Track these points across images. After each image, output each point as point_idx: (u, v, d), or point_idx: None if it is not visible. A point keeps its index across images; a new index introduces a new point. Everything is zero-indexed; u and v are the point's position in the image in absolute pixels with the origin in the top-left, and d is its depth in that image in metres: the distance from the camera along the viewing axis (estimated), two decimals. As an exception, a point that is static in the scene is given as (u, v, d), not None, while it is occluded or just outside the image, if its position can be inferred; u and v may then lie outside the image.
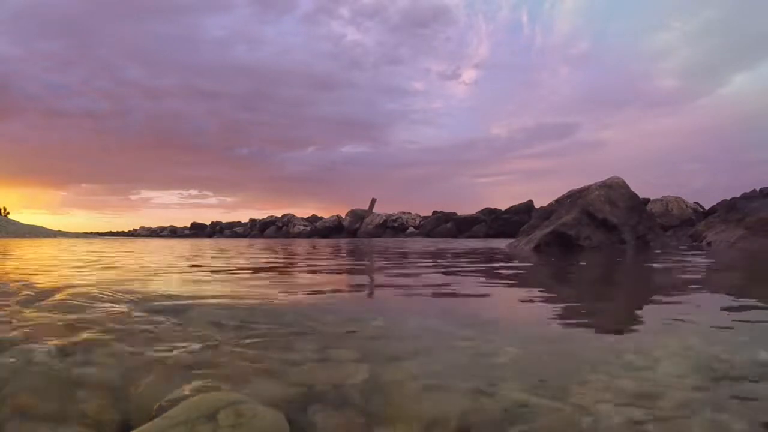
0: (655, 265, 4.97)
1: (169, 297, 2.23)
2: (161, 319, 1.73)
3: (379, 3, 68.65)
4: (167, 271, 4.00)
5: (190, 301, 2.10)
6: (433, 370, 1.19)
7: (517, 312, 2.16)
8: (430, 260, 5.77)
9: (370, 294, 2.87)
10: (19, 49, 60.85)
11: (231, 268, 4.32)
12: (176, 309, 1.90)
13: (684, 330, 1.61)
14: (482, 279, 3.51)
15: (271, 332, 1.57)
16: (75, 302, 2.05)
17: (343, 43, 68.67)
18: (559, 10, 72.13)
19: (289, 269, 4.46)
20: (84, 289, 2.40)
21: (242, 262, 5.41)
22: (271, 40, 69.80)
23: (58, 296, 2.20)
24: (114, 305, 2.00)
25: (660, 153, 63.68)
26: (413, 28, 71.98)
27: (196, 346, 1.39)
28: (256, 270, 4.24)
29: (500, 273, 4.19)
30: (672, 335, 1.55)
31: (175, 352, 1.32)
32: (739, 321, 1.80)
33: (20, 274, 3.61)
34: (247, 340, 1.45)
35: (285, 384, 1.11)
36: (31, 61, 62.90)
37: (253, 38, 69.43)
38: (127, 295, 2.23)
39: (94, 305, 1.99)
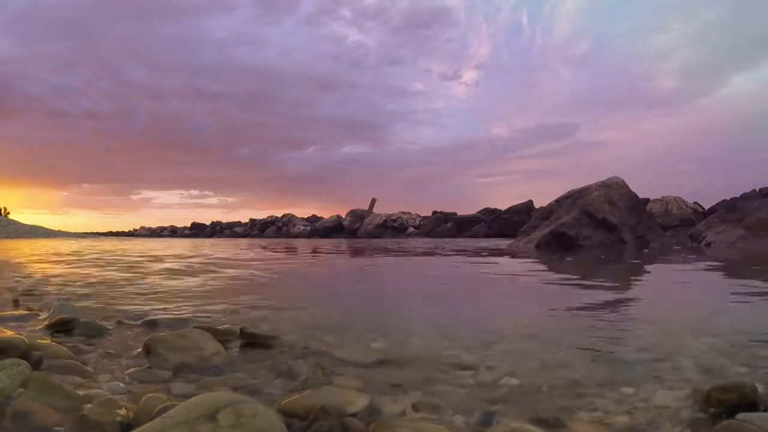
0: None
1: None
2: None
3: (380, 4, 68.74)
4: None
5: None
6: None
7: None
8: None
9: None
10: (22, 49, 60.84)
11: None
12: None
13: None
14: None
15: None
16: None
17: (344, 44, 68.67)
18: (560, 11, 72.16)
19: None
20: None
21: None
22: (273, 42, 69.82)
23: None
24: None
25: (660, 153, 63.67)
26: (414, 29, 72.02)
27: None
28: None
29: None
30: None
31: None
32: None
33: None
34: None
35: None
36: (34, 61, 62.92)
37: (255, 39, 69.41)
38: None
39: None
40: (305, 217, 42.29)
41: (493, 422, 1.07)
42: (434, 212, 35.37)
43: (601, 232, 9.38)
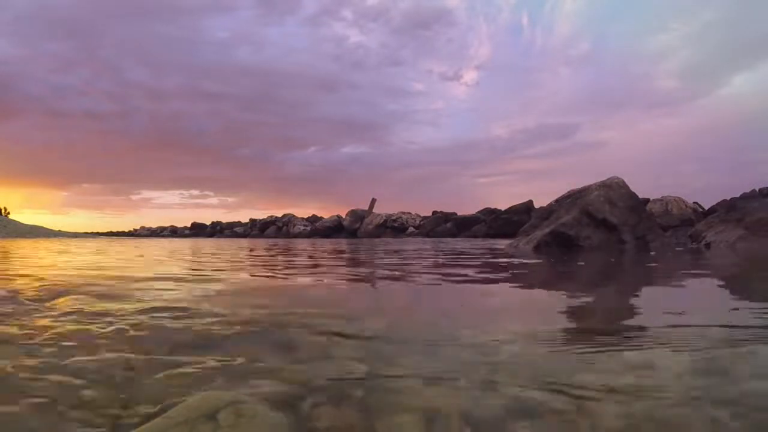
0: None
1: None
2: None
3: (382, 5, 68.78)
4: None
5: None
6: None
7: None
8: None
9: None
10: (23, 49, 60.97)
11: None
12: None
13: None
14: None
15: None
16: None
17: (346, 45, 68.84)
18: (560, 12, 72.32)
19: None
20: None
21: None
22: (274, 42, 70.02)
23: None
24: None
25: (660, 153, 63.78)
26: (415, 30, 72.13)
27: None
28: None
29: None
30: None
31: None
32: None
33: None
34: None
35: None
36: (35, 61, 63.05)
37: (257, 40, 69.56)
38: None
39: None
40: (305, 217, 42.34)
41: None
42: (434, 212, 35.41)
43: (601, 232, 9.39)
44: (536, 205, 25.02)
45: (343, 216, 39.26)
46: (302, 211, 50.91)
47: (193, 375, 1.15)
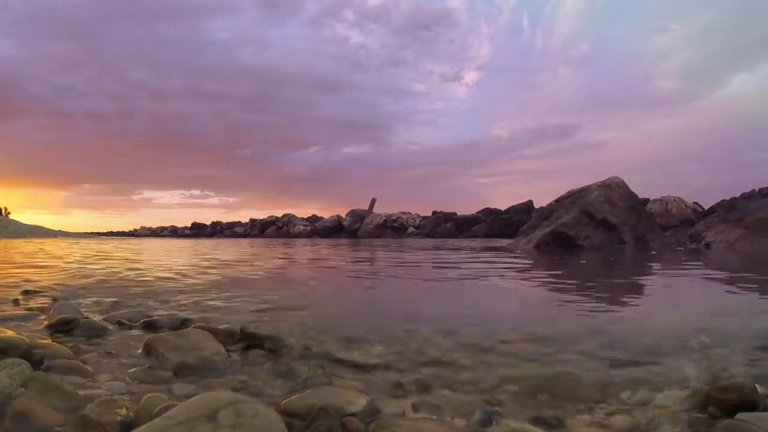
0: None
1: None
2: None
3: (383, 6, 68.85)
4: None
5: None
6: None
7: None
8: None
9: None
10: (25, 50, 61.08)
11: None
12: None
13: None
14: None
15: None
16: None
17: (347, 46, 68.93)
18: (560, 12, 72.40)
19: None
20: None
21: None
22: (276, 43, 70.17)
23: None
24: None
25: (660, 153, 63.82)
26: (416, 31, 72.19)
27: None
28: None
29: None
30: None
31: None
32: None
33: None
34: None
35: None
36: (37, 62, 63.17)
37: (259, 41, 69.69)
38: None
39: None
40: (305, 217, 42.29)
41: (493, 422, 1.07)
42: (434, 212, 35.38)
43: (601, 232, 9.39)
44: (536, 205, 24.96)
45: (344, 216, 39.23)
46: (302, 211, 50.81)
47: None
